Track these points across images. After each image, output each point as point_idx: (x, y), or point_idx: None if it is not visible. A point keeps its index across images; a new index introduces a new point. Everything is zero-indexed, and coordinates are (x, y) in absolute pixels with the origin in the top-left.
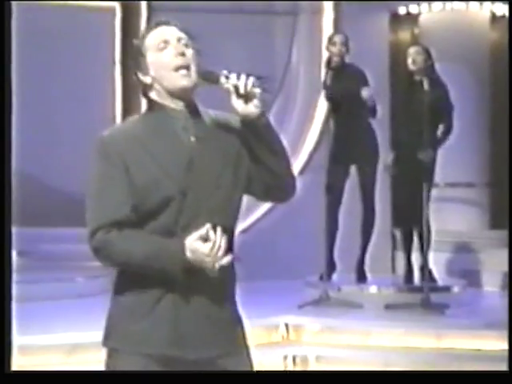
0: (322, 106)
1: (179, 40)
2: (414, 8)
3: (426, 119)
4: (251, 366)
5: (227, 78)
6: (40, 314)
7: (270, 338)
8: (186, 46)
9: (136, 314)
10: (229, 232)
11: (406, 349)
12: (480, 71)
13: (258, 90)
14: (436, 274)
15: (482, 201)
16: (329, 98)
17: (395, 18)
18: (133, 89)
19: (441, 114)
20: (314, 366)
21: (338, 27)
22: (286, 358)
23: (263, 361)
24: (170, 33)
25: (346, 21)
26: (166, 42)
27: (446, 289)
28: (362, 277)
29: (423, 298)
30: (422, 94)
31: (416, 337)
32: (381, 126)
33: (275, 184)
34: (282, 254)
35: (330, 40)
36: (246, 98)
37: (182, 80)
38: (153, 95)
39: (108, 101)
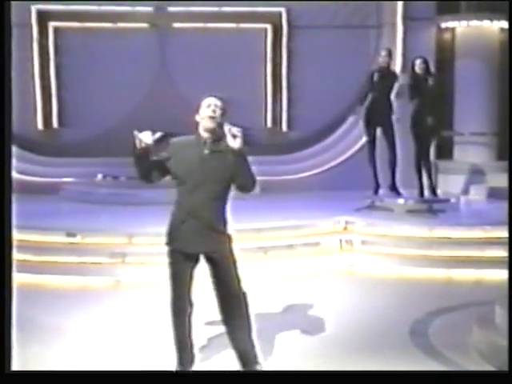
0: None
1: (216, 105)
2: (451, 24)
3: (429, 100)
4: (233, 262)
5: (227, 127)
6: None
7: (334, 228)
8: (220, 109)
9: (173, 226)
10: (220, 201)
11: (410, 237)
12: (491, 63)
13: (239, 134)
14: (457, 190)
15: (491, 143)
16: (371, 84)
17: (440, 30)
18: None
19: (438, 98)
20: (358, 247)
21: (405, 35)
22: (341, 241)
23: (328, 242)
24: (213, 101)
25: (409, 31)
26: (209, 106)
27: (446, 200)
28: (394, 192)
29: (428, 206)
30: (425, 86)
31: (417, 229)
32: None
33: (244, 184)
34: (355, 177)
35: (379, 53)
36: (234, 137)
37: (208, 123)
38: (199, 128)
39: (260, 98)
